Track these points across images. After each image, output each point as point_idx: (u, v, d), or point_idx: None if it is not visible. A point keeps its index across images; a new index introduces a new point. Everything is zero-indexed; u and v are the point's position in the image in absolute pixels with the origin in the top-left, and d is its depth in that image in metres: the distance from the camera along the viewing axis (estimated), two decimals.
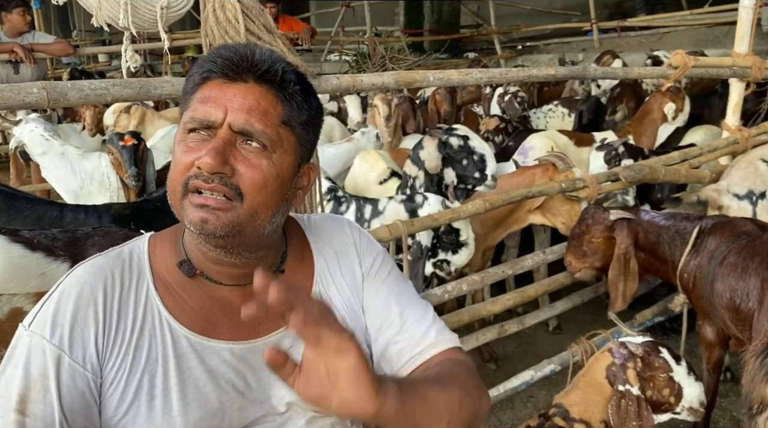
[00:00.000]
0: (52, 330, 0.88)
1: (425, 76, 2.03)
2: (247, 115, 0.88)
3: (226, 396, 0.95)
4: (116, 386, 0.90)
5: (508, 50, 9.16)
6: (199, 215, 0.88)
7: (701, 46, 6.62)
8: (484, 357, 3.20)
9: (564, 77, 2.67)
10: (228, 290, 0.98)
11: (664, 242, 2.29)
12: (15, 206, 2.43)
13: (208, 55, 0.93)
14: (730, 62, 3.04)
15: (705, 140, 3.73)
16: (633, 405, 1.71)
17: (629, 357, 1.77)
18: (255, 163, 0.89)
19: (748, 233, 2.08)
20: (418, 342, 1.05)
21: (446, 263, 2.43)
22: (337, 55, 9.57)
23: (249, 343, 0.97)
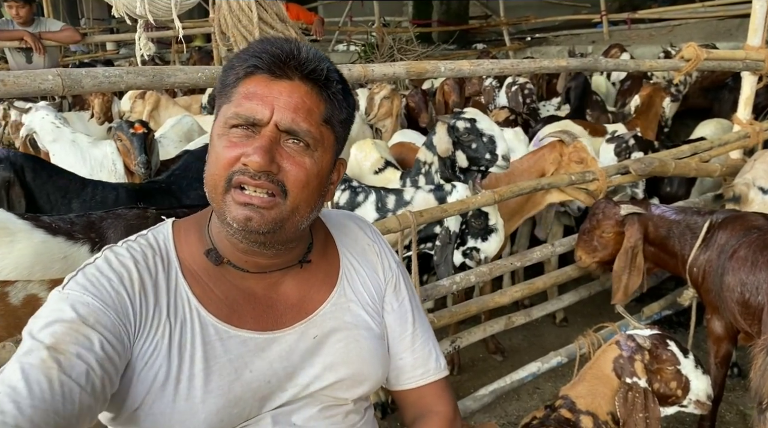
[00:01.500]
0: (95, 291, 0.88)
1: (436, 67, 2.02)
2: (293, 114, 0.89)
3: (248, 386, 0.96)
4: (150, 365, 0.90)
5: (517, 42, 9.12)
6: (243, 213, 0.89)
7: (713, 39, 6.57)
8: (490, 349, 3.21)
9: (575, 69, 2.65)
10: (253, 279, 1.00)
11: (674, 237, 2.29)
12: (39, 177, 2.48)
13: (252, 48, 0.92)
14: (743, 55, 3.01)
15: (715, 133, 3.71)
16: (640, 397, 1.71)
17: (637, 350, 1.77)
18: (299, 161, 0.91)
19: (759, 228, 2.07)
20: (420, 364, 1.14)
21: (476, 251, 2.40)
22: (345, 45, 9.54)
23: (273, 333, 0.99)
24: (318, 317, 1.03)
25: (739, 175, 2.79)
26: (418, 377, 1.14)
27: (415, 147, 3.35)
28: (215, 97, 0.98)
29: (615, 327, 2.38)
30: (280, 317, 1.01)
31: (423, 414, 1.15)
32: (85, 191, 2.54)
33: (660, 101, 4.00)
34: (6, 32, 4.61)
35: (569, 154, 2.59)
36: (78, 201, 2.50)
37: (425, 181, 2.64)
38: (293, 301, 1.03)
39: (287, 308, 1.02)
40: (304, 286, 1.04)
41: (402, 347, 1.13)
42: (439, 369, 1.16)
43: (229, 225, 0.90)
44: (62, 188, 2.50)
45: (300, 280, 1.04)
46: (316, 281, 1.06)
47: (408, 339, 1.13)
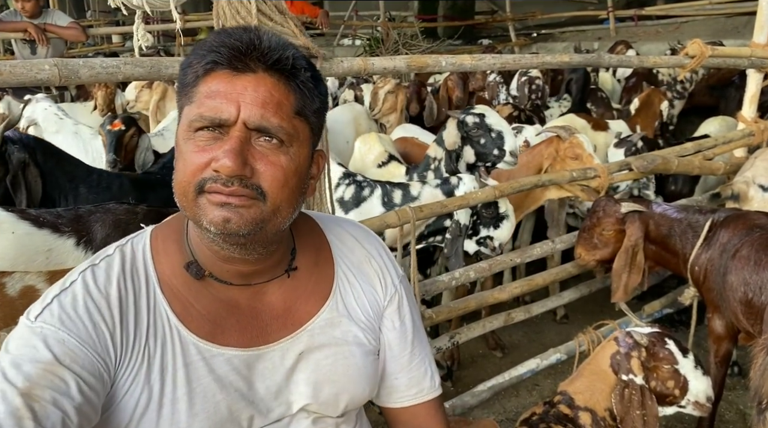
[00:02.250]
0: (71, 326, 0.83)
1: (437, 61, 2.01)
2: (261, 109, 0.82)
3: (235, 405, 0.92)
4: (131, 392, 0.86)
5: (522, 38, 9.09)
6: (220, 214, 0.83)
7: (720, 36, 6.53)
8: (490, 345, 3.20)
9: (578, 65, 2.63)
10: (237, 291, 0.95)
11: (675, 235, 2.27)
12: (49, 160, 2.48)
13: (209, 43, 0.85)
14: (749, 53, 2.98)
15: (719, 131, 3.69)
16: (636, 394, 1.70)
17: (634, 347, 1.76)
18: (274, 160, 0.84)
19: (762, 226, 2.05)
20: (415, 383, 1.11)
21: (489, 240, 2.41)
22: (350, 39, 9.53)
23: (259, 350, 0.94)
24: (305, 332, 0.98)
25: (739, 173, 2.78)
26: (412, 396, 1.11)
27: (418, 142, 3.34)
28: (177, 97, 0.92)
29: (615, 325, 2.37)
30: (265, 329, 0.96)
31: None
32: (90, 177, 2.54)
33: (658, 103, 3.99)
34: (10, 23, 4.61)
35: (564, 149, 2.58)
36: (84, 186, 2.50)
37: (434, 177, 2.63)
38: (279, 311, 0.97)
39: (272, 318, 0.97)
40: (291, 295, 0.99)
41: (399, 366, 1.09)
42: (434, 388, 1.13)
43: (207, 230, 0.84)
44: (70, 173, 2.49)
45: (287, 289, 0.99)
46: (305, 291, 1.00)
47: (406, 358, 1.10)
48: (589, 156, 2.53)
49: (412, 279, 2.12)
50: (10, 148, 2.36)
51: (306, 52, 1.67)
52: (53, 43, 4.74)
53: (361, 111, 4.07)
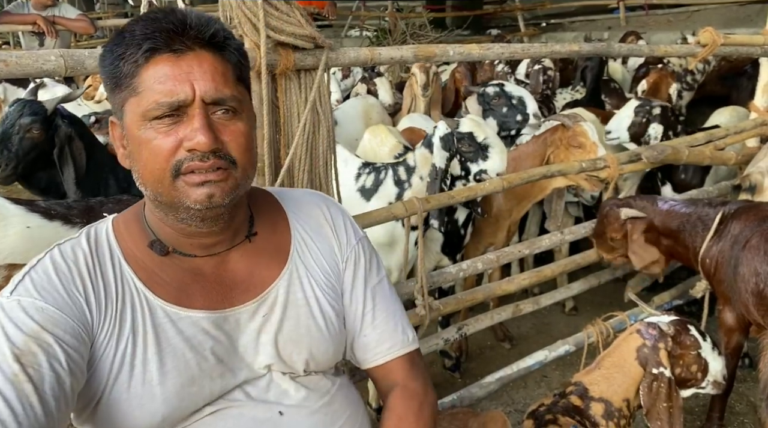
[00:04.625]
0: (47, 295, 0.87)
1: (445, 50, 1.99)
2: (213, 83, 0.87)
3: (205, 364, 0.96)
4: (106, 356, 0.91)
5: (531, 28, 9.01)
6: (203, 192, 0.88)
7: (732, 25, 6.45)
8: (498, 336, 3.20)
9: (588, 54, 2.60)
10: (201, 261, 0.99)
11: (685, 229, 2.28)
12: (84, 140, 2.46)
13: (138, 31, 0.86)
14: (762, 41, 2.94)
15: (731, 121, 3.63)
16: (665, 387, 1.71)
17: (660, 338, 1.76)
18: (234, 129, 0.90)
19: None
20: (386, 338, 1.13)
21: (484, 173, 2.34)
22: (358, 30, 9.48)
23: (224, 312, 0.99)
24: (269, 295, 1.02)
25: (752, 163, 2.75)
26: (385, 352, 1.13)
27: (425, 133, 3.33)
28: (109, 96, 0.93)
29: (624, 316, 2.36)
30: (229, 294, 1.00)
31: (392, 388, 1.15)
32: (117, 165, 2.54)
33: (666, 88, 3.94)
34: (19, 16, 4.62)
35: (568, 138, 2.56)
36: (113, 178, 2.49)
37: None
38: (242, 276, 1.02)
39: (236, 283, 1.01)
40: (252, 261, 1.03)
41: (364, 323, 1.12)
42: (407, 341, 1.15)
43: (189, 209, 0.89)
44: (97, 160, 2.48)
45: (248, 255, 1.03)
46: (265, 257, 1.04)
47: (369, 314, 1.12)
48: (593, 144, 2.51)
49: (418, 271, 2.11)
50: (58, 121, 2.35)
51: (312, 43, 1.66)
52: (61, 36, 4.75)
53: (374, 103, 4.06)
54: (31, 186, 2.42)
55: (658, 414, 1.71)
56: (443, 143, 2.32)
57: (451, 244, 2.69)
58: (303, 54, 1.67)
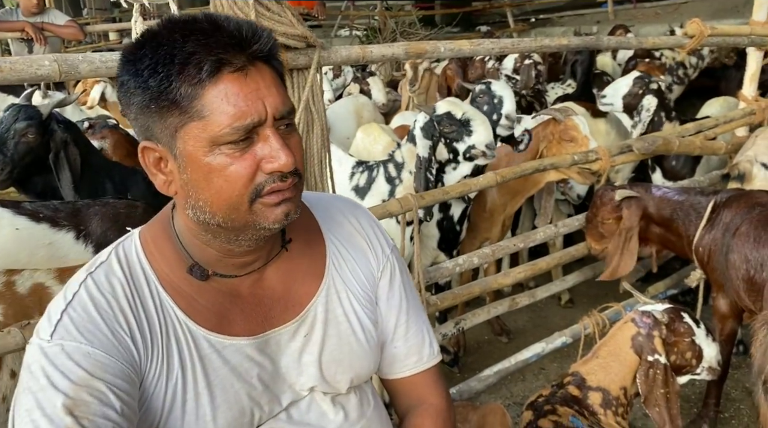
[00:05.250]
0: (91, 338, 0.81)
1: (435, 47, 2.00)
2: (279, 97, 0.82)
3: (254, 392, 0.94)
4: (157, 393, 0.87)
5: (520, 23, 9.04)
6: (282, 211, 0.84)
7: (720, 16, 6.50)
8: (495, 331, 3.22)
9: (577, 47, 2.63)
10: (238, 281, 0.95)
11: (678, 218, 2.30)
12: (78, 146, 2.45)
13: (191, 46, 0.76)
14: (748, 31, 2.97)
15: (721, 111, 3.67)
16: (661, 373, 1.74)
17: (654, 326, 1.78)
18: (295, 142, 0.86)
19: (763, 204, 2.06)
20: (414, 352, 1.11)
21: (473, 148, 2.32)
22: (348, 30, 9.49)
23: (266, 335, 0.96)
24: (308, 313, 0.99)
25: (741, 152, 2.78)
26: (412, 365, 1.11)
27: None
28: (139, 116, 0.82)
29: (620, 307, 2.38)
30: (268, 314, 0.97)
31: (416, 405, 1.12)
32: (114, 170, 2.55)
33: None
34: (7, 23, 4.61)
35: (560, 132, 2.59)
36: (110, 181, 2.50)
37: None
38: (279, 294, 0.98)
39: (274, 302, 0.97)
40: (288, 277, 0.99)
41: (396, 335, 1.10)
42: (433, 355, 1.13)
43: (263, 229, 0.85)
44: (93, 165, 2.48)
45: (284, 271, 0.99)
46: (301, 271, 1.00)
47: (402, 327, 1.09)
48: (585, 138, 2.54)
49: (415, 267, 2.13)
50: (54, 125, 2.35)
51: (304, 42, 1.68)
52: (50, 42, 4.74)
53: (366, 103, 4.07)
54: (27, 191, 2.42)
55: (656, 400, 1.73)
56: (424, 131, 2.33)
57: (447, 240, 2.71)
58: (295, 53, 1.68)
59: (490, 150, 2.28)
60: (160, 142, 0.82)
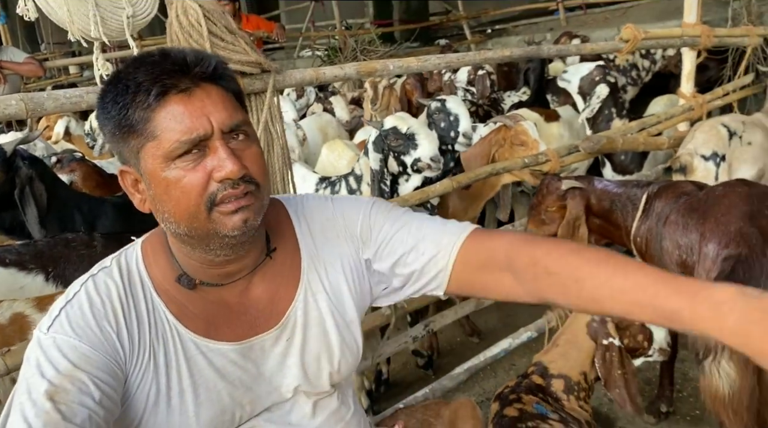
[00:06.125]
0: (81, 333, 0.89)
1: (385, 65, 2.13)
2: (226, 112, 0.90)
3: (236, 392, 1.01)
4: (141, 389, 0.94)
5: (477, 35, 9.27)
6: (240, 218, 0.91)
7: (664, 18, 6.77)
8: (466, 332, 3.33)
9: (519, 57, 2.78)
10: (225, 290, 1.02)
11: (617, 209, 2.42)
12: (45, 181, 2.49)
13: (141, 76, 0.87)
14: (680, 32, 3.17)
15: (666, 109, 3.88)
16: (617, 355, 1.82)
17: None
18: (251, 153, 0.93)
19: (688, 193, 2.21)
20: (440, 237, 1.05)
21: (419, 161, 2.40)
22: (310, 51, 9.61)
23: (250, 341, 1.03)
24: (289, 319, 1.05)
25: (682, 146, 2.95)
26: (451, 245, 1.04)
27: None
28: (112, 144, 0.93)
29: None
30: (254, 323, 1.03)
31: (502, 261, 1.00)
32: (82, 201, 2.60)
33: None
34: None
35: (511, 137, 2.73)
36: (78, 213, 2.55)
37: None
38: (264, 303, 1.04)
39: (259, 312, 1.04)
40: (272, 285, 1.05)
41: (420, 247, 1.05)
42: (462, 228, 1.06)
43: (225, 237, 0.92)
44: (61, 198, 2.54)
45: (268, 279, 1.05)
46: (283, 277, 1.06)
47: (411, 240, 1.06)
48: (535, 141, 2.68)
49: None
50: (19, 162, 2.40)
51: (259, 68, 1.78)
52: (10, 80, 4.75)
53: (330, 120, 4.20)
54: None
55: (615, 381, 1.81)
56: (375, 145, 2.45)
57: None
58: (251, 79, 1.78)
59: (435, 163, 2.39)
60: (130, 164, 0.93)
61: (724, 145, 2.96)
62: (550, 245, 0.96)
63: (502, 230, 1.08)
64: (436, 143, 2.42)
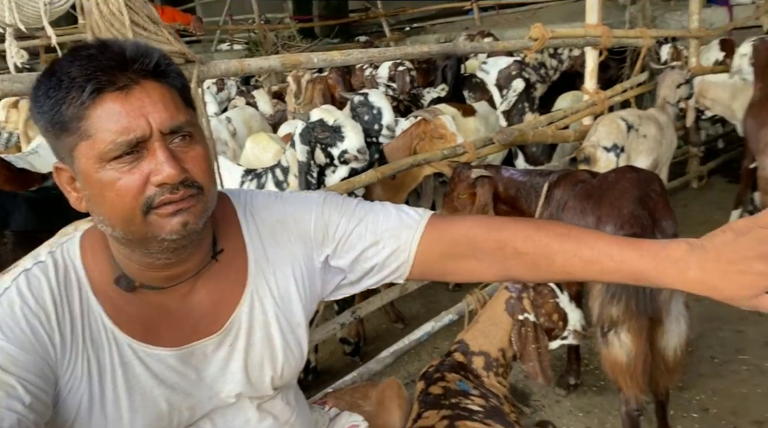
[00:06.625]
0: (9, 334, 0.84)
1: (309, 58, 2.18)
2: (167, 112, 0.84)
3: (175, 398, 0.97)
4: (74, 392, 0.89)
5: (396, 32, 9.46)
6: (178, 221, 0.86)
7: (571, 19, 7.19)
8: (391, 318, 3.44)
9: (438, 53, 2.91)
10: (167, 294, 0.97)
11: (522, 197, 2.59)
12: None
13: (75, 71, 0.81)
14: (583, 32, 3.42)
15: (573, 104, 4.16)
16: (531, 330, 1.95)
17: (523, 289, 2.01)
18: (195, 154, 0.88)
19: (583, 181, 2.42)
20: (399, 226, 1.04)
21: (346, 153, 2.44)
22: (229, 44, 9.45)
23: (191, 346, 0.98)
24: (233, 324, 1.00)
25: (586, 138, 3.19)
26: (411, 237, 1.03)
27: None
28: (46, 138, 0.88)
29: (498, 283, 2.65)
30: (195, 327, 0.98)
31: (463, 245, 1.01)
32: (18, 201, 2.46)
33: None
34: None
35: (430, 130, 2.86)
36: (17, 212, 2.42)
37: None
38: (207, 308, 0.99)
39: (201, 317, 0.99)
40: (216, 289, 1.00)
41: (380, 243, 1.05)
42: (420, 213, 1.06)
43: (163, 241, 0.87)
44: None
45: (212, 283, 1.00)
46: (228, 281, 1.01)
47: (369, 231, 1.05)
48: (453, 134, 2.82)
49: None
50: None
51: (183, 58, 1.79)
52: None
53: (253, 114, 4.18)
54: None
55: (529, 355, 1.94)
56: (302, 137, 2.48)
57: None
58: None
59: (362, 154, 2.45)
60: (65, 162, 0.88)
61: (624, 137, 3.23)
62: (513, 226, 1.00)
63: (459, 217, 1.09)
64: (362, 135, 2.48)
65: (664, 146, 3.52)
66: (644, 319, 1.98)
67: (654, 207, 2.13)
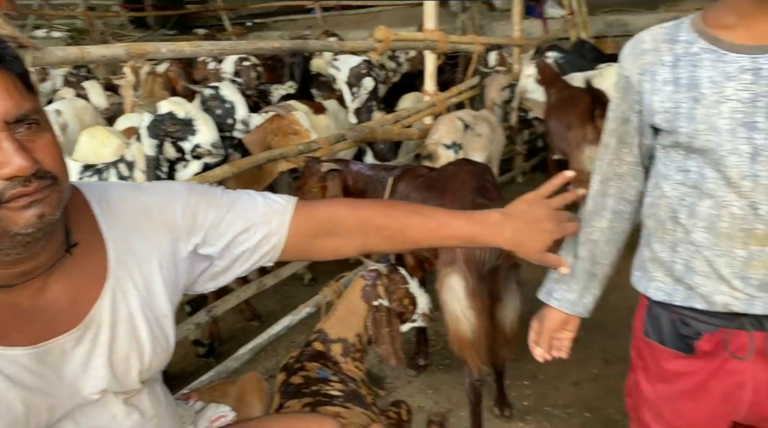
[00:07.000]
0: None
1: (157, 48, 2.10)
2: (11, 100, 0.80)
3: (32, 399, 0.91)
4: None
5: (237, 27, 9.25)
6: (33, 213, 0.82)
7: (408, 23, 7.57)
8: (247, 317, 3.40)
9: (289, 50, 2.95)
10: (17, 292, 0.91)
11: (369, 190, 2.74)
12: None
13: None
14: (423, 37, 3.66)
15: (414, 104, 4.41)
16: (385, 315, 2.05)
17: (378, 276, 2.11)
18: (44, 142, 0.84)
19: (422, 175, 2.65)
20: (267, 211, 1.10)
21: (198, 148, 2.38)
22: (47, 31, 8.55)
23: (46, 344, 0.93)
24: (93, 318, 0.96)
25: (428, 137, 3.43)
26: (281, 221, 1.10)
27: None
28: None
29: (353, 275, 2.76)
30: (51, 324, 0.93)
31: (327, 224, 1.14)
32: None
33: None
34: None
35: (284, 126, 2.90)
36: None
37: None
38: (63, 303, 0.94)
39: (57, 313, 0.94)
40: (72, 284, 0.95)
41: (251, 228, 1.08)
42: (285, 202, 1.13)
43: (17, 235, 0.82)
44: None
45: (67, 278, 0.95)
46: (86, 275, 0.97)
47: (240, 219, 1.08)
48: (306, 130, 2.88)
49: None
50: None
51: (15, 42, 1.64)
52: None
53: (85, 106, 3.87)
54: None
55: (383, 338, 2.04)
56: (149, 131, 2.38)
57: None
58: None
59: (216, 149, 2.40)
60: None
61: (461, 136, 3.52)
62: (371, 206, 1.19)
63: (322, 201, 1.23)
64: (215, 129, 2.42)
65: (495, 143, 3.90)
66: (486, 298, 2.20)
67: (489, 196, 2.37)
